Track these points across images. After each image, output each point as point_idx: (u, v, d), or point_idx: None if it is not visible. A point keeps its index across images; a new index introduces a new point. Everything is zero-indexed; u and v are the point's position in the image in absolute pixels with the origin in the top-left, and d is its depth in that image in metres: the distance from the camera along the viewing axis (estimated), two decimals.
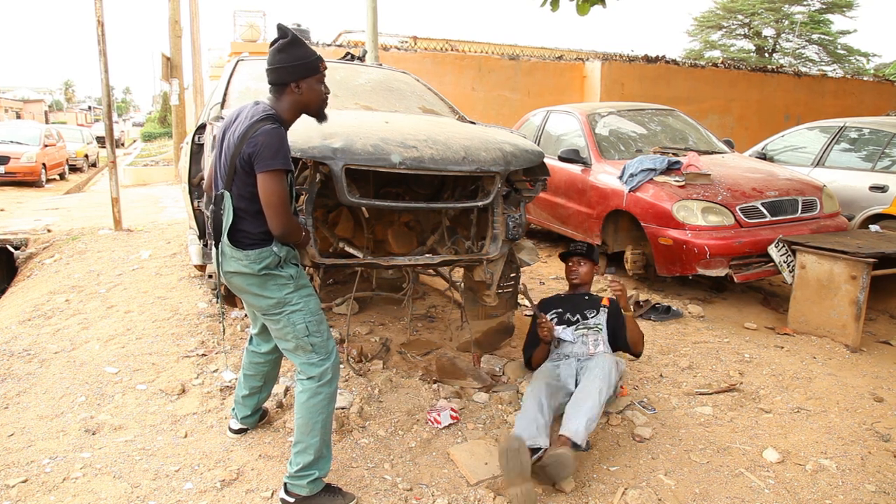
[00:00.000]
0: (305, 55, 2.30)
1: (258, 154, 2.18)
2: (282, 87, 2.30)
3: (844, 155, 6.14)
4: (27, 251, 6.41)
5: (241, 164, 2.23)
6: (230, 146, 2.27)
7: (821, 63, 27.00)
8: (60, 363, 3.65)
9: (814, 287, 4.27)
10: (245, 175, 2.25)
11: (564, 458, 2.51)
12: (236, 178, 2.26)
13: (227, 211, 2.28)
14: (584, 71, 12.33)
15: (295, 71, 2.28)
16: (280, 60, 2.28)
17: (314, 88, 2.34)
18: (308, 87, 2.32)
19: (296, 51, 2.28)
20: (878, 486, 2.63)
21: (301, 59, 2.28)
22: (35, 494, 2.49)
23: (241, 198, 2.28)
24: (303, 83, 2.30)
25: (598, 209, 5.59)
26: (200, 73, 15.56)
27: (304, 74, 2.29)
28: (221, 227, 2.30)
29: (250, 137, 2.20)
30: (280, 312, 2.36)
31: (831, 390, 3.48)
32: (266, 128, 2.20)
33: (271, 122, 2.23)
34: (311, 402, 2.37)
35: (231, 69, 4.34)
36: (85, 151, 19.22)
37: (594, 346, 3.23)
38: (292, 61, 2.27)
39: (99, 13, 6.96)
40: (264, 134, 2.19)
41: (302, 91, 2.31)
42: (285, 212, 2.26)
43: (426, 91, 4.84)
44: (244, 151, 2.21)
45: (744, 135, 11.27)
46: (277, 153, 2.20)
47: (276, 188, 2.22)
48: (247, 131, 2.22)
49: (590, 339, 3.25)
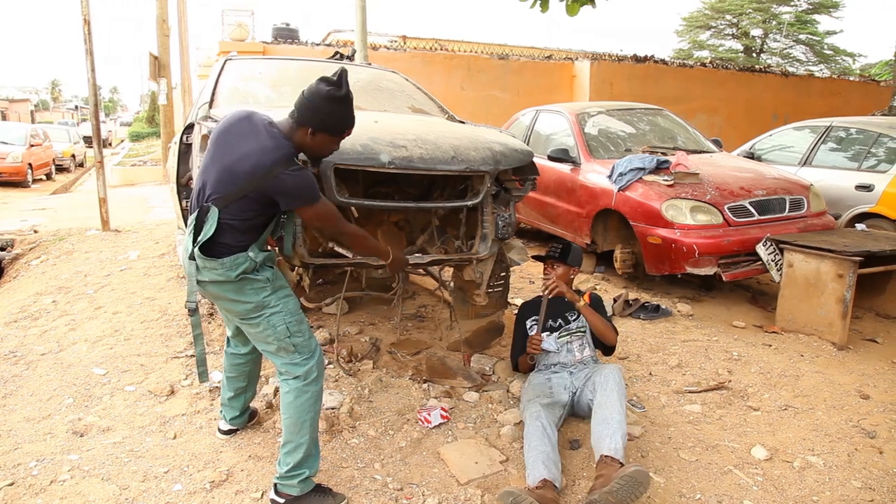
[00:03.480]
0: (341, 117, 2.30)
1: (289, 199, 2.23)
2: (302, 125, 2.27)
3: (831, 154, 6.20)
4: (13, 252, 6.35)
5: (254, 195, 2.21)
6: (238, 173, 2.20)
7: (808, 63, 27.23)
8: (47, 365, 3.62)
9: (801, 285, 4.31)
10: (253, 202, 2.23)
11: (642, 475, 2.32)
12: (240, 201, 2.22)
13: (209, 223, 2.23)
14: (573, 70, 12.37)
15: (321, 123, 2.26)
16: (318, 107, 2.24)
17: (325, 143, 2.34)
18: (321, 140, 2.31)
19: (336, 108, 2.27)
20: (864, 482, 2.66)
21: (334, 119, 2.29)
22: (22, 497, 2.46)
23: (234, 216, 2.24)
24: (319, 135, 2.29)
25: (587, 208, 5.61)
26: (188, 73, 15.45)
27: (325, 130, 2.29)
28: (196, 238, 2.26)
29: (275, 178, 2.17)
30: (259, 316, 2.34)
31: (818, 388, 3.51)
32: (294, 172, 2.19)
33: (294, 164, 2.21)
34: (299, 402, 2.36)
35: (219, 69, 4.32)
36: (72, 151, 19.06)
37: (580, 352, 3.19)
38: (325, 114, 2.26)
39: (85, 12, 6.90)
40: (294, 179, 2.19)
41: (315, 140, 2.30)
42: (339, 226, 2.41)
43: (415, 90, 4.84)
44: (262, 188, 2.19)
45: (732, 134, 11.34)
46: (311, 195, 2.26)
47: (323, 214, 2.33)
48: (270, 169, 2.17)
49: (574, 346, 3.21)
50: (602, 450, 2.53)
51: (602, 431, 2.59)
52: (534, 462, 2.55)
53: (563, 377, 3.10)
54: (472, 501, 2.49)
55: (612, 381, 2.81)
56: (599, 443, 2.57)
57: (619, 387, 2.79)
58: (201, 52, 15.91)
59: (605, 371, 2.89)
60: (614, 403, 2.69)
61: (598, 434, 2.60)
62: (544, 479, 2.46)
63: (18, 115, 36.90)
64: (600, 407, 2.70)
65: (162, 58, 13.04)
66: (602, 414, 2.67)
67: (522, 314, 3.42)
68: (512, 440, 2.92)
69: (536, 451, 2.59)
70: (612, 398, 2.72)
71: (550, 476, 2.48)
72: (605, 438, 2.56)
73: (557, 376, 3.12)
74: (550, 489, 2.44)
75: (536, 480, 2.47)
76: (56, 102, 61.45)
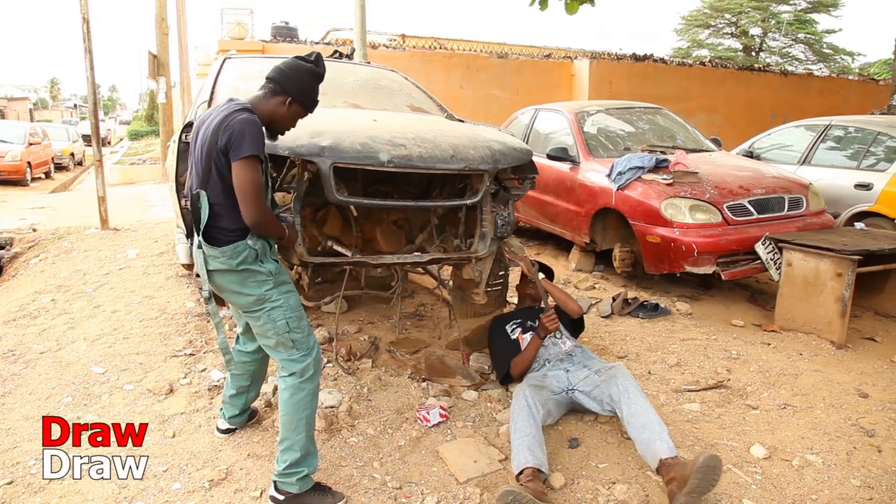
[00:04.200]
0: (315, 94, 2.46)
1: (233, 143, 2.20)
2: (279, 93, 2.37)
3: (830, 153, 6.19)
4: (12, 251, 6.34)
5: (217, 156, 2.24)
6: (205, 140, 2.28)
7: (807, 62, 27.24)
8: (46, 363, 3.62)
9: (800, 284, 4.31)
10: (221, 168, 2.25)
11: (713, 460, 2.35)
12: (212, 172, 2.26)
13: (203, 208, 2.27)
14: (572, 69, 12.37)
15: (300, 94, 2.39)
16: (300, 79, 2.38)
17: (294, 116, 2.45)
18: (294, 111, 2.43)
19: (315, 84, 2.44)
20: (862, 480, 2.66)
21: (312, 92, 2.44)
22: (21, 496, 2.47)
23: (217, 193, 2.28)
24: (294, 105, 2.40)
25: (586, 207, 5.61)
26: (188, 71, 15.45)
27: (301, 101, 2.41)
28: (198, 226, 2.30)
29: (226, 126, 2.22)
30: (260, 309, 2.36)
31: (817, 386, 3.52)
32: (241, 117, 2.24)
33: (247, 113, 2.27)
34: (295, 399, 2.38)
35: (218, 67, 4.31)
36: (71, 150, 19.04)
37: (564, 343, 3.31)
38: (305, 86, 2.40)
39: (84, 10, 6.90)
40: (239, 122, 2.23)
41: (290, 110, 2.40)
42: (257, 200, 2.24)
43: (415, 89, 4.84)
44: (220, 142, 2.22)
45: (731, 133, 11.34)
46: (251, 140, 2.21)
47: (249, 176, 2.22)
48: (221, 122, 2.24)
49: (558, 339, 3.32)
50: (659, 454, 2.53)
51: (649, 437, 2.59)
52: (518, 446, 2.61)
53: (558, 375, 3.12)
54: (471, 500, 2.49)
55: (631, 386, 2.83)
56: (651, 448, 2.57)
57: (638, 389, 2.83)
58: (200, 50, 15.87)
59: (619, 378, 2.89)
60: (646, 407, 2.72)
61: (646, 440, 2.60)
62: (529, 466, 2.50)
63: (17, 113, 36.83)
64: (634, 416, 2.70)
65: (161, 56, 13.04)
66: (640, 421, 2.67)
67: (496, 327, 3.50)
68: (510, 439, 2.92)
69: (521, 434, 2.64)
70: (640, 403, 2.74)
71: (536, 462, 2.53)
72: (655, 442, 2.57)
73: (553, 373, 3.15)
74: (536, 479, 2.47)
75: (521, 467, 2.52)
76: (55, 101, 61.37)
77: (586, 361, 3.20)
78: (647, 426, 2.63)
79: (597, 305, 4.85)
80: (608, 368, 3.06)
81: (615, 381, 2.89)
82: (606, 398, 2.90)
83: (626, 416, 2.74)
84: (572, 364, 3.17)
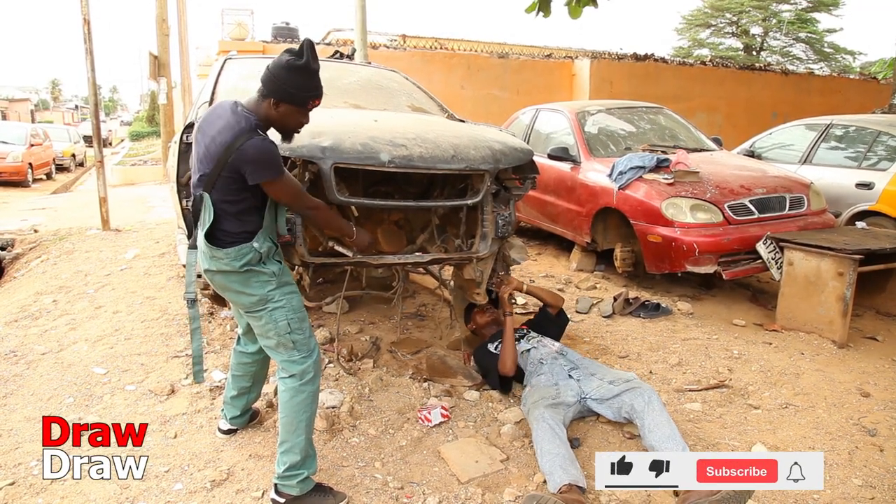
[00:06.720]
0: (302, 85, 2.26)
1: (252, 170, 2.20)
2: (266, 96, 2.28)
3: (831, 152, 6.19)
4: (14, 252, 6.36)
5: (228, 173, 2.22)
6: (212, 153, 2.23)
7: (808, 61, 27.20)
8: (48, 364, 3.62)
9: (801, 284, 4.30)
10: (230, 180, 2.24)
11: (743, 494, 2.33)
12: (219, 181, 2.24)
13: (207, 211, 2.27)
14: (572, 69, 12.36)
15: (282, 92, 2.24)
16: (278, 76, 2.23)
17: (290, 115, 2.31)
18: (286, 112, 2.29)
19: (296, 77, 2.24)
20: (864, 480, 2.66)
21: (294, 87, 2.25)
22: (23, 497, 2.47)
23: (223, 199, 2.27)
24: (283, 106, 2.27)
25: (587, 207, 5.61)
26: (188, 72, 15.44)
27: (287, 100, 2.26)
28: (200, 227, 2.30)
29: (238, 149, 2.18)
30: (262, 309, 2.36)
31: (819, 386, 3.51)
32: (254, 142, 2.19)
33: (257, 134, 2.21)
34: (295, 401, 2.38)
35: (219, 68, 4.32)
36: (72, 151, 19.07)
37: (552, 343, 3.43)
38: (286, 83, 2.23)
39: (85, 11, 6.91)
40: (254, 148, 2.18)
41: (279, 111, 2.28)
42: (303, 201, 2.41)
43: (415, 89, 4.83)
44: (231, 163, 2.19)
45: (732, 132, 11.32)
46: (271, 165, 2.22)
47: (286, 188, 2.31)
48: (232, 142, 2.18)
49: (545, 340, 3.46)
50: None
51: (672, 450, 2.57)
52: (551, 468, 2.54)
53: (570, 384, 3.10)
54: (473, 500, 2.49)
55: (656, 399, 2.82)
56: None
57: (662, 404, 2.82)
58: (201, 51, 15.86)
59: (644, 390, 2.88)
60: (669, 420, 2.71)
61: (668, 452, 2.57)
62: (567, 483, 2.46)
63: (18, 114, 36.85)
64: (658, 426, 2.69)
65: (162, 57, 13.03)
66: (664, 432, 2.65)
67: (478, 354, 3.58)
68: (512, 439, 2.92)
69: (550, 456, 2.59)
70: (664, 416, 2.73)
71: (571, 479, 2.48)
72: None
73: (564, 382, 3.11)
74: (576, 492, 2.43)
75: (558, 486, 2.46)
76: (56, 102, 61.33)
77: (593, 370, 3.19)
78: (671, 437, 2.62)
79: (598, 305, 4.85)
80: (626, 380, 3.02)
81: (640, 393, 2.87)
82: (627, 407, 2.87)
83: (647, 424, 2.72)
84: (580, 373, 3.15)
